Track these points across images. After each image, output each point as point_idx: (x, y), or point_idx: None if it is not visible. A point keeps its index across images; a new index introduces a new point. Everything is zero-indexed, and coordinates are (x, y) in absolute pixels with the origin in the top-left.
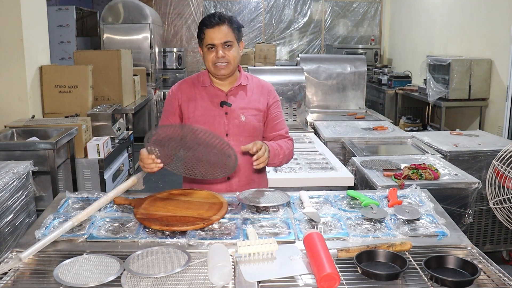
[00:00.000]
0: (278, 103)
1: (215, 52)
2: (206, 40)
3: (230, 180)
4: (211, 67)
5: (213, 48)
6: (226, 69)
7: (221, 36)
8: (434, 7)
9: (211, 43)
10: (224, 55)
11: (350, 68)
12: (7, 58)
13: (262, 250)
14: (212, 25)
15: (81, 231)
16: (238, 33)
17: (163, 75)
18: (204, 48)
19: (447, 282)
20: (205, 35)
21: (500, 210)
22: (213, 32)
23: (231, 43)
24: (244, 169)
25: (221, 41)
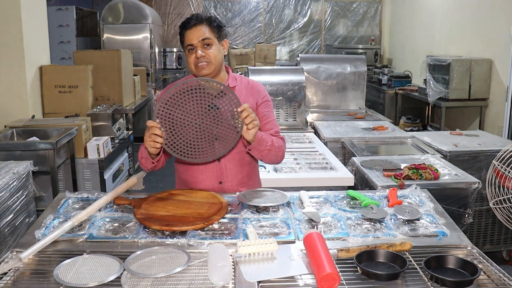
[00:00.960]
0: (268, 103)
1: (194, 53)
2: (186, 41)
3: (222, 184)
4: (193, 68)
5: (193, 49)
6: (207, 68)
7: (199, 35)
8: (434, 7)
9: (190, 44)
10: (204, 54)
11: (350, 68)
12: (7, 58)
13: (262, 250)
14: (190, 26)
15: (81, 231)
16: (219, 31)
17: (163, 75)
18: (185, 50)
19: (447, 282)
20: (184, 37)
21: (500, 210)
22: (190, 32)
23: (210, 41)
24: (235, 172)
25: (199, 40)
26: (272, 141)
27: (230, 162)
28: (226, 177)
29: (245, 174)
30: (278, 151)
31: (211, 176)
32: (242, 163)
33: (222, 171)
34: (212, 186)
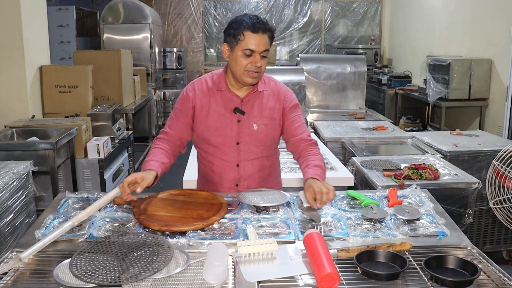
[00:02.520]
0: (296, 107)
1: (252, 59)
2: (245, 43)
3: (239, 187)
4: (242, 73)
5: (251, 55)
6: (256, 78)
7: (263, 44)
8: (434, 7)
9: (250, 49)
10: (261, 65)
11: (350, 68)
12: (7, 58)
13: (262, 250)
14: (257, 30)
15: (81, 231)
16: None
17: (163, 75)
18: (238, 51)
19: (447, 282)
20: (245, 38)
21: (500, 210)
22: (255, 38)
23: (267, 53)
24: (253, 176)
25: (260, 50)
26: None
27: (248, 166)
28: (243, 180)
29: (263, 178)
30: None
31: (228, 179)
32: (262, 167)
33: (240, 175)
34: (229, 188)
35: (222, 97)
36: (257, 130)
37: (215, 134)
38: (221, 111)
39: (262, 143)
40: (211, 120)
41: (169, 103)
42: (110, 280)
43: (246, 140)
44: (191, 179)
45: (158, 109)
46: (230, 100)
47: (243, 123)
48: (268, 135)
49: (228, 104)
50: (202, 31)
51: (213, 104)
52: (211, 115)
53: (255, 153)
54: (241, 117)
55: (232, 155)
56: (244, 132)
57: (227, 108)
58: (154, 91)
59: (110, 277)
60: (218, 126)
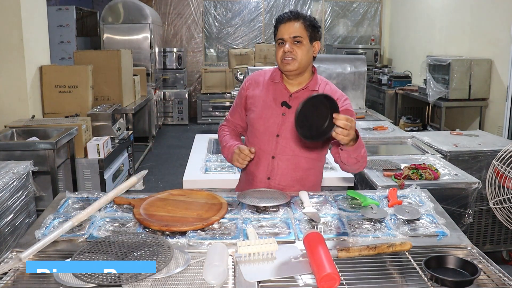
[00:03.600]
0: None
1: (283, 47)
2: (278, 34)
3: (270, 180)
4: (280, 62)
5: (283, 43)
6: (291, 64)
7: (291, 31)
8: (434, 7)
9: (281, 38)
10: (292, 50)
11: (350, 68)
12: (7, 58)
13: (262, 250)
14: (285, 20)
15: (81, 231)
16: (312, 31)
17: (163, 75)
18: (276, 43)
19: (447, 282)
20: (278, 30)
21: (500, 210)
22: (284, 26)
23: (300, 39)
24: (286, 173)
25: (290, 36)
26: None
27: (283, 161)
28: (275, 174)
29: (297, 178)
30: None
31: (262, 169)
32: (296, 167)
33: (273, 168)
34: (261, 179)
35: (274, 89)
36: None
37: (259, 122)
38: (269, 102)
39: (302, 141)
40: (258, 108)
41: (169, 103)
42: (110, 280)
43: (286, 135)
44: (191, 179)
45: (158, 109)
46: (280, 92)
47: (287, 117)
48: None
49: (278, 96)
50: (202, 31)
51: (263, 94)
52: (259, 103)
53: (293, 149)
54: (286, 110)
55: (270, 145)
56: (286, 125)
57: (276, 100)
58: (154, 91)
59: (110, 277)
60: (262, 115)
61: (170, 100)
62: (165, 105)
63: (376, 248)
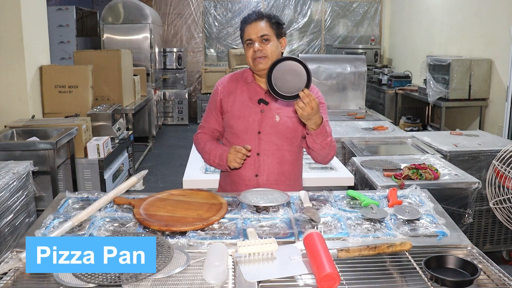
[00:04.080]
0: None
1: (252, 47)
2: (245, 36)
3: (258, 177)
4: (251, 62)
5: (251, 43)
6: (264, 63)
7: (257, 31)
8: (434, 7)
9: (249, 38)
10: (261, 49)
11: (350, 68)
12: (7, 58)
13: (262, 250)
14: (250, 21)
15: (81, 231)
16: (277, 28)
17: (163, 75)
18: (244, 45)
19: (447, 282)
20: (244, 32)
21: (500, 210)
22: (250, 27)
23: (268, 37)
24: (273, 168)
25: (257, 35)
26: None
27: (268, 157)
28: (263, 170)
29: (283, 172)
30: (333, 146)
31: (248, 168)
32: (282, 160)
33: (260, 164)
34: (249, 177)
35: (249, 89)
36: (279, 121)
37: (238, 122)
38: (245, 101)
39: (283, 134)
40: (235, 108)
41: (169, 103)
42: (110, 280)
43: (267, 130)
44: (191, 179)
45: (158, 109)
46: (255, 91)
47: (265, 114)
48: (289, 128)
49: (253, 95)
50: (202, 31)
51: (238, 95)
52: (236, 104)
53: (276, 143)
54: (264, 107)
55: (253, 143)
56: (266, 122)
57: (252, 99)
58: (154, 91)
59: (110, 277)
60: (241, 115)
61: (170, 100)
62: (165, 105)
63: (376, 248)
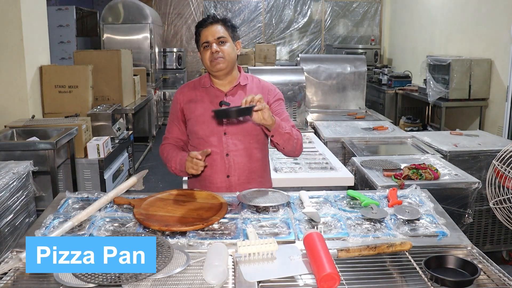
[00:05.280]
0: (280, 102)
1: (209, 49)
2: (202, 39)
3: (230, 178)
4: (208, 64)
5: (208, 46)
6: (222, 63)
7: (214, 33)
8: (434, 7)
9: (206, 41)
10: (219, 50)
11: (350, 68)
12: (7, 58)
13: (262, 250)
14: (206, 24)
15: (81, 231)
16: (233, 32)
17: (163, 75)
18: (201, 48)
19: (447, 282)
20: (200, 36)
21: (500, 210)
22: (206, 30)
23: (224, 39)
24: (243, 167)
25: (214, 37)
26: (290, 128)
27: (238, 156)
28: (234, 170)
29: (253, 170)
30: (297, 139)
31: (219, 170)
32: (251, 158)
33: (230, 165)
34: (220, 180)
35: (208, 93)
36: (243, 120)
37: (203, 127)
38: (207, 106)
39: (248, 132)
40: (198, 114)
41: (169, 103)
42: (110, 280)
43: (233, 131)
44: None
45: (158, 109)
46: (215, 95)
47: None
48: (253, 125)
49: (214, 99)
50: None
51: (199, 101)
52: (198, 110)
53: (243, 142)
54: None
55: (220, 145)
56: (231, 122)
57: (213, 103)
58: (154, 91)
59: (110, 277)
60: (205, 120)
61: (170, 100)
62: (165, 105)
63: (376, 248)
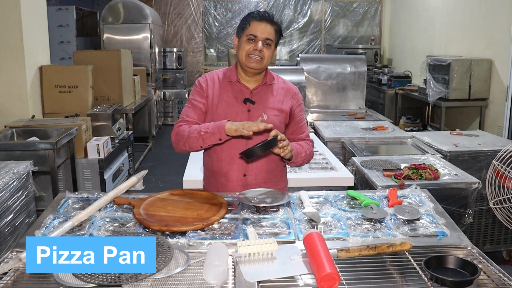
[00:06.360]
0: (302, 106)
1: (254, 44)
2: (250, 30)
3: (246, 177)
4: (244, 57)
5: (253, 40)
6: (258, 63)
7: (265, 32)
8: (434, 7)
9: (253, 34)
10: (262, 50)
11: (350, 68)
12: (7, 58)
13: (262, 250)
14: (261, 18)
15: (81, 231)
16: (278, 38)
17: (163, 75)
18: (244, 37)
19: (447, 282)
20: (249, 26)
21: (500, 210)
22: (259, 25)
23: (271, 42)
24: (260, 167)
25: (263, 36)
26: (305, 151)
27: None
28: (251, 170)
29: (271, 170)
30: (309, 155)
31: (236, 168)
32: (269, 158)
33: (248, 164)
34: (237, 178)
35: (233, 88)
36: (267, 120)
37: None
38: (231, 101)
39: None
40: (221, 109)
41: (169, 103)
42: (110, 280)
43: None
44: (191, 179)
45: (158, 109)
46: (240, 91)
47: (253, 113)
48: (276, 126)
49: (238, 95)
50: (202, 31)
51: (223, 95)
52: (221, 104)
53: None
54: (251, 106)
55: (240, 143)
56: (253, 121)
57: (237, 99)
58: (154, 91)
59: (110, 277)
60: (228, 115)
61: (170, 100)
62: (165, 105)
63: (376, 248)
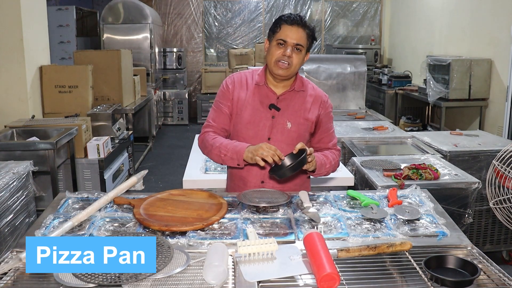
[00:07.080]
0: (330, 114)
1: (283, 49)
2: (280, 34)
3: (264, 184)
4: (273, 63)
5: (283, 45)
6: (285, 70)
7: (295, 37)
8: (434, 7)
9: (283, 39)
10: (291, 56)
11: (350, 68)
12: (7, 58)
13: (262, 250)
14: (292, 23)
15: (81, 231)
16: (310, 43)
17: (163, 75)
18: (274, 41)
19: (447, 282)
20: (280, 30)
21: (500, 210)
22: (290, 29)
23: (301, 48)
24: None
25: (293, 41)
26: (330, 161)
27: None
28: (268, 177)
29: (290, 178)
30: (335, 165)
31: (254, 174)
32: None
33: (265, 172)
34: (255, 184)
35: (259, 92)
36: (290, 128)
37: (247, 127)
38: (256, 105)
39: (293, 141)
40: (245, 113)
41: (169, 103)
42: (110, 280)
43: (277, 137)
44: (191, 179)
45: (158, 109)
46: (266, 95)
47: (277, 120)
48: (300, 135)
49: (264, 99)
50: (202, 31)
51: (249, 98)
52: (246, 108)
53: (285, 151)
54: (275, 113)
55: None
56: (276, 128)
57: (263, 103)
58: (154, 91)
59: (110, 277)
60: (251, 120)
61: (170, 100)
62: (165, 105)
63: (376, 248)
